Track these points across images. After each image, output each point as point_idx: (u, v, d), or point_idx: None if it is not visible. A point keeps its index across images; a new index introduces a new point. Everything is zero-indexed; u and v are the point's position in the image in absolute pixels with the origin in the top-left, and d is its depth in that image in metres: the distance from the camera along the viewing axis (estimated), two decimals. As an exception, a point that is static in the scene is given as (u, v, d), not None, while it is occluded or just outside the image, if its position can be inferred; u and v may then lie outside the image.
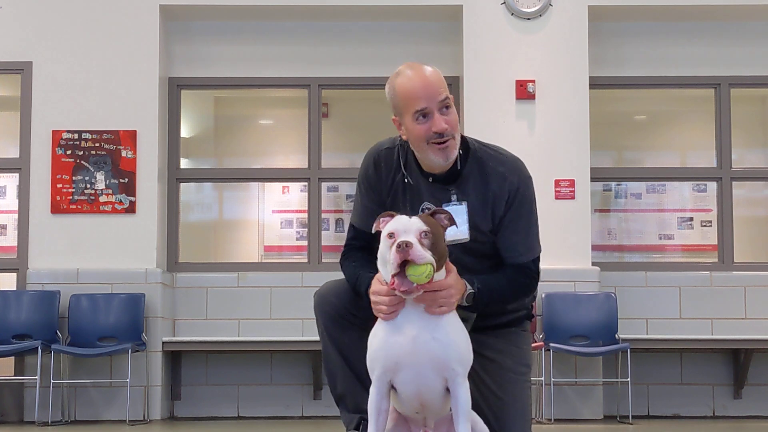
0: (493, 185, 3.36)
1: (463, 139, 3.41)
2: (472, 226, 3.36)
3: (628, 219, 8.83)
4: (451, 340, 3.04)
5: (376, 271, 3.14)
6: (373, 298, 3.14)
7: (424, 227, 3.01)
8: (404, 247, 2.93)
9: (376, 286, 3.14)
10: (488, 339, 3.43)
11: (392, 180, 3.43)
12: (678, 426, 7.43)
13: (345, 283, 3.42)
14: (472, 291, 3.22)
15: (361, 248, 3.47)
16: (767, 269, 8.41)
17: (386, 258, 3.01)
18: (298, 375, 8.19)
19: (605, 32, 8.43)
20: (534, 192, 3.43)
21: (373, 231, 3.17)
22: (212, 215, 9.52)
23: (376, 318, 3.14)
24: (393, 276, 2.98)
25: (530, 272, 3.42)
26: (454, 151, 3.32)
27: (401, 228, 3.01)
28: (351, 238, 3.51)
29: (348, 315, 3.37)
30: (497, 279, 3.34)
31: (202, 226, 9.44)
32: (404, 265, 2.95)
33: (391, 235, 3.01)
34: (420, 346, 3.01)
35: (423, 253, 2.95)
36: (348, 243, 3.52)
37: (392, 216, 3.09)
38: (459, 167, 3.37)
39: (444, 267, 3.10)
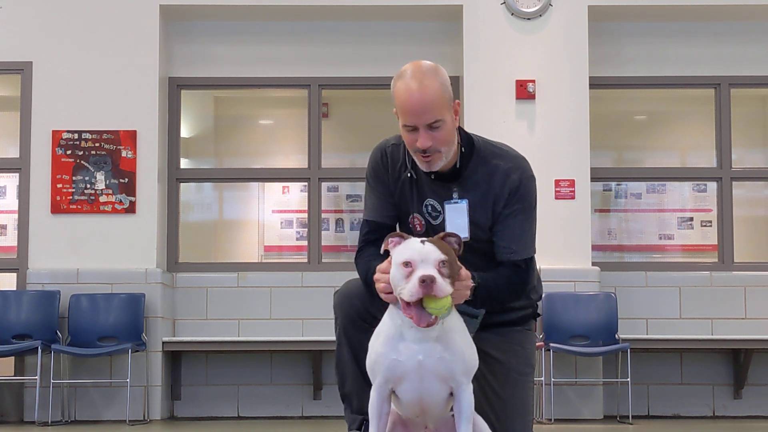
0: (496, 182, 3.35)
1: (468, 137, 3.41)
2: (473, 223, 3.35)
3: (628, 219, 8.83)
4: (458, 353, 2.97)
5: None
6: (376, 276, 3.08)
7: (442, 256, 2.88)
8: (428, 283, 2.81)
9: (381, 267, 3.07)
10: (493, 338, 3.42)
11: (398, 175, 3.43)
12: (678, 426, 7.43)
13: None
14: (474, 284, 3.16)
15: (376, 242, 3.39)
16: (767, 269, 8.41)
17: (399, 285, 2.90)
18: (298, 375, 8.19)
19: (605, 32, 8.43)
20: (535, 192, 3.40)
21: (381, 251, 3.08)
22: (212, 215, 9.51)
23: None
24: (409, 306, 2.86)
25: (521, 272, 3.37)
26: (439, 163, 3.30)
27: (418, 257, 2.87)
28: (366, 233, 3.46)
29: (368, 317, 3.32)
30: (494, 277, 3.30)
31: (202, 226, 9.43)
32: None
33: (407, 264, 2.88)
34: (426, 366, 2.95)
35: (445, 287, 2.83)
36: (363, 239, 3.46)
37: (402, 237, 3.00)
38: (459, 166, 3.36)
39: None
